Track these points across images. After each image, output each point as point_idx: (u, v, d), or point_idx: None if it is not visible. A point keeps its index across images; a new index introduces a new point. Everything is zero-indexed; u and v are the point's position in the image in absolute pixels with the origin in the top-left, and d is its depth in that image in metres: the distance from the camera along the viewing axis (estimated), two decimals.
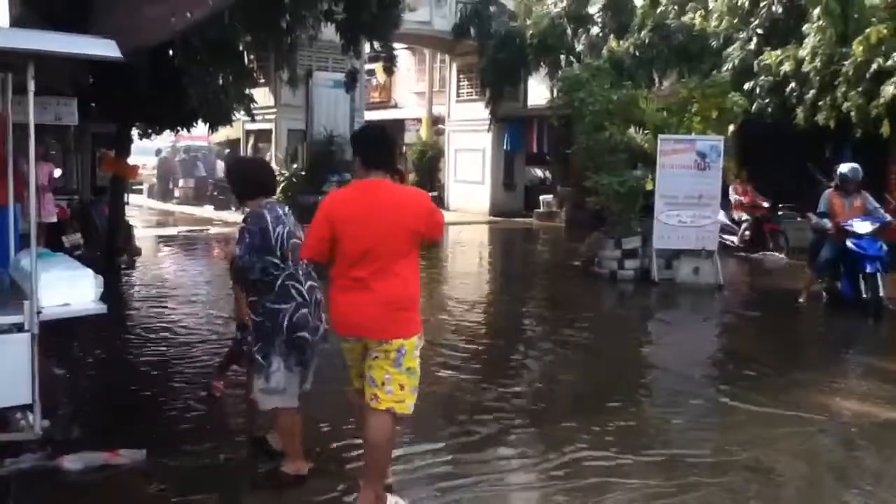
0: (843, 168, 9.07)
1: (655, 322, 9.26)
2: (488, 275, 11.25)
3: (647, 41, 17.40)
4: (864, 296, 8.60)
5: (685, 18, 17.42)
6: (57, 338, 5.46)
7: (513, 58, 20.10)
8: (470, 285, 11.06)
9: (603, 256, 11.46)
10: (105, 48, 3.69)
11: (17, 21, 10.44)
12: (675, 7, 17.86)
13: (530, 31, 19.65)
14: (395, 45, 17.38)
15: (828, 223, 8.96)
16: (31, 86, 3.77)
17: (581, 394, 5.94)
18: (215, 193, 25.04)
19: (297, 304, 3.89)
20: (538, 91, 21.55)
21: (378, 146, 3.75)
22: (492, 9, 21.49)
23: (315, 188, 19.46)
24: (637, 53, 17.45)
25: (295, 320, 3.87)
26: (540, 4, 20.46)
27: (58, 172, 12.32)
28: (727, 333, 8.68)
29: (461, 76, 24.58)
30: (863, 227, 8.73)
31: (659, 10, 17.97)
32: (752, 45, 15.32)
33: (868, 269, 8.55)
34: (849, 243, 8.74)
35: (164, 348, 6.99)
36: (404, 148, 29.03)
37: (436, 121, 27.70)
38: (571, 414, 5.36)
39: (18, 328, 3.62)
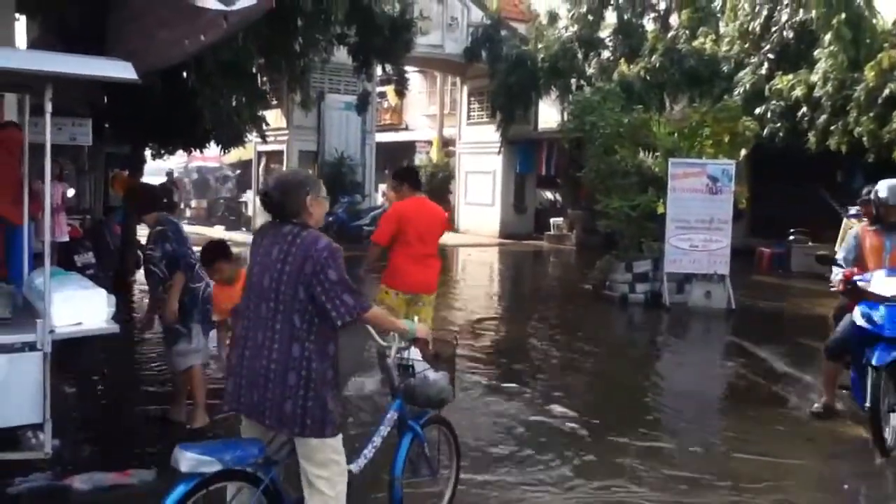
0: (882, 188, 5.30)
1: (666, 347, 9.19)
2: (498, 297, 11.23)
3: (657, 65, 17.50)
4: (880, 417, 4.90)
5: (696, 43, 17.51)
6: (68, 357, 5.46)
7: (524, 81, 20.23)
8: (480, 307, 11.00)
9: (614, 280, 11.42)
10: (121, 70, 3.72)
11: (34, 43, 10.64)
12: (686, 32, 17.97)
13: (541, 55, 19.80)
14: (407, 67, 17.52)
15: (838, 275, 5.42)
16: (49, 107, 3.80)
17: (590, 420, 5.83)
18: (226, 214, 25.18)
19: (206, 283, 5.24)
20: (549, 114, 21.65)
21: (418, 177, 6.39)
22: (503, 32, 21.69)
23: (327, 210, 19.53)
24: (648, 77, 17.54)
25: (205, 295, 5.23)
26: (551, 28, 20.63)
27: (71, 192, 12.40)
28: (738, 359, 8.56)
29: (472, 99, 24.71)
30: (889, 285, 5.03)
31: (670, 35, 18.08)
32: (763, 70, 15.38)
33: (876, 361, 4.89)
34: (858, 313, 5.18)
35: None
36: None
37: (446, 143, 27.82)
38: (581, 442, 5.30)
39: (31, 347, 3.61)
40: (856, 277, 5.25)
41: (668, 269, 10.90)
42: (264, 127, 13.84)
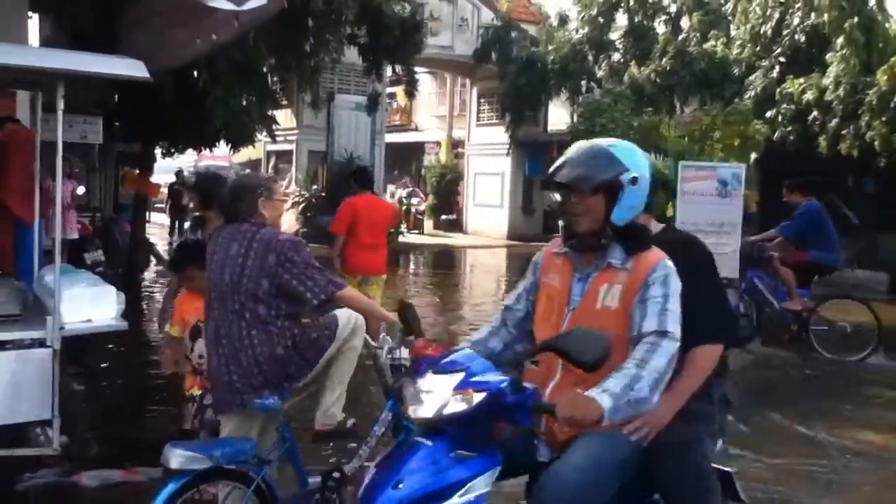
0: None
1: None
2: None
3: (668, 68, 17.46)
4: None
5: (707, 46, 17.46)
6: (76, 353, 5.47)
7: (534, 83, 20.21)
8: (487, 311, 10.96)
9: None
10: (134, 68, 3.74)
11: (47, 42, 10.70)
12: (697, 34, 17.93)
13: (551, 57, 19.78)
14: (417, 68, 17.52)
15: None
16: (61, 104, 3.81)
17: None
18: None
19: None
20: (559, 116, 21.63)
21: (368, 177, 7.42)
22: (513, 34, 21.67)
23: (334, 209, 19.53)
24: (658, 80, 17.50)
25: None
26: (561, 30, 20.61)
27: (81, 190, 12.47)
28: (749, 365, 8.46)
29: (482, 100, 24.71)
30: None
31: (680, 38, 18.04)
32: (774, 73, 15.32)
33: None
34: None
35: None
36: (423, 171, 29.17)
37: (455, 144, 27.82)
38: None
39: (40, 344, 3.64)
40: None
41: None
42: (274, 127, 13.89)
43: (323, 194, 20.26)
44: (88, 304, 3.83)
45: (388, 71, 17.36)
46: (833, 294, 8.81)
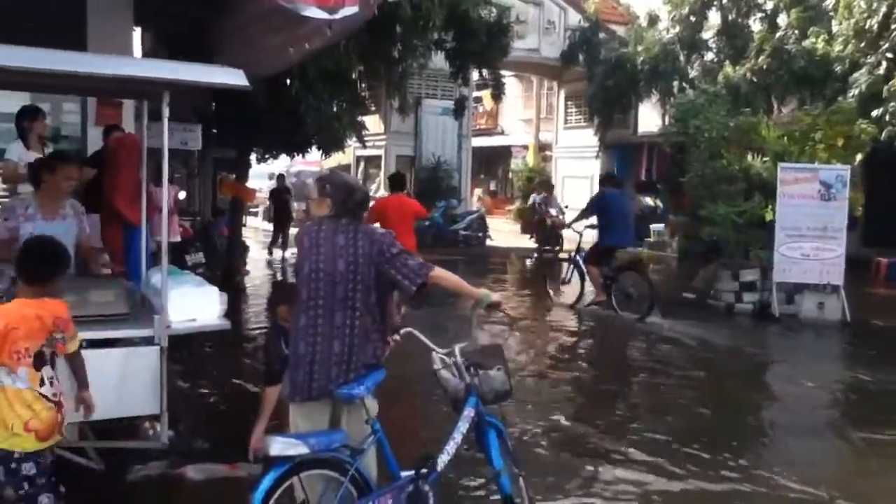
0: None
1: (777, 361, 8.67)
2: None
3: (765, 67, 16.81)
4: None
5: (806, 43, 16.72)
6: (180, 352, 5.69)
7: (622, 84, 19.82)
8: (573, 314, 10.78)
9: (719, 288, 11.01)
10: (234, 77, 3.84)
11: (148, 54, 11.20)
12: (796, 31, 17.19)
13: (641, 58, 19.36)
14: (503, 72, 17.49)
15: None
16: (166, 112, 3.96)
17: (691, 438, 5.50)
18: None
19: None
20: (649, 118, 21.16)
21: (403, 181, 9.31)
22: (601, 35, 21.35)
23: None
24: (754, 79, 16.87)
25: None
26: (651, 30, 20.17)
27: (182, 194, 13.01)
28: (853, 374, 8.05)
29: (569, 103, 24.45)
30: None
31: (778, 35, 17.35)
32: (881, 70, 14.52)
33: None
34: None
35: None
36: (510, 174, 29.06)
37: (543, 147, 27.63)
38: (684, 459, 5.07)
39: (148, 341, 3.79)
40: None
41: (777, 279, 10.40)
42: (363, 132, 14.12)
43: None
44: (193, 304, 3.97)
45: (475, 75, 17.38)
46: None
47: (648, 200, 23.90)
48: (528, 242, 19.98)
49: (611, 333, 9.67)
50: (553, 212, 19.04)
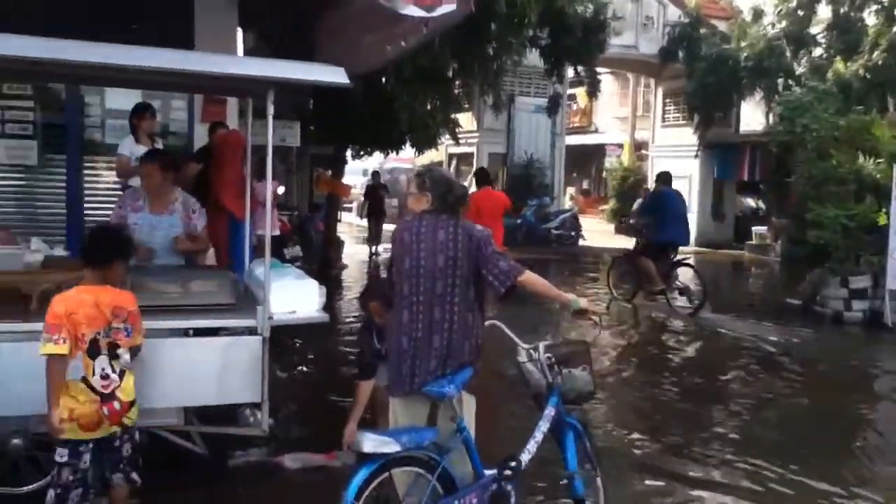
0: None
1: (889, 372, 8.11)
2: (691, 308, 10.66)
3: (880, 62, 15.90)
4: None
5: None
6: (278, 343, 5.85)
7: (724, 81, 19.13)
8: (672, 320, 10.48)
9: (826, 295, 10.48)
10: (336, 75, 3.88)
11: (249, 53, 11.57)
12: None
13: (744, 54, 18.66)
14: (599, 69, 17.21)
15: None
16: (271, 110, 4.06)
17: (789, 457, 5.16)
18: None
19: None
20: (752, 116, 20.39)
21: (489, 177, 9.97)
22: (702, 31, 20.69)
23: (514, 212, 19.62)
24: (868, 76, 15.98)
25: None
26: (755, 25, 19.40)
27: (281, 190, 13.40)
28: None
29: (667, 100, 23.81)
30: None
31: (895, 29, 16.38)
32: None
33: None
34: None
35: None
36: (604, 173, 28.59)
37: (638, 146, 27.06)
38: (788, 483, 4.76)
39: (251, 331, 3.90)
40: None
41: (890, 286, 9.80)
42: (456, 129, 14.18)
43: None
44: (294, 297, 4.05)
45: (570, 72, 17.17)
46: None
47: (750, 202, 23.06)
48: (620, 243, 19.55)
49: (705, 341, 9.34)
50: None
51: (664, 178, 11.01)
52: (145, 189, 4.84)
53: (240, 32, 11.36)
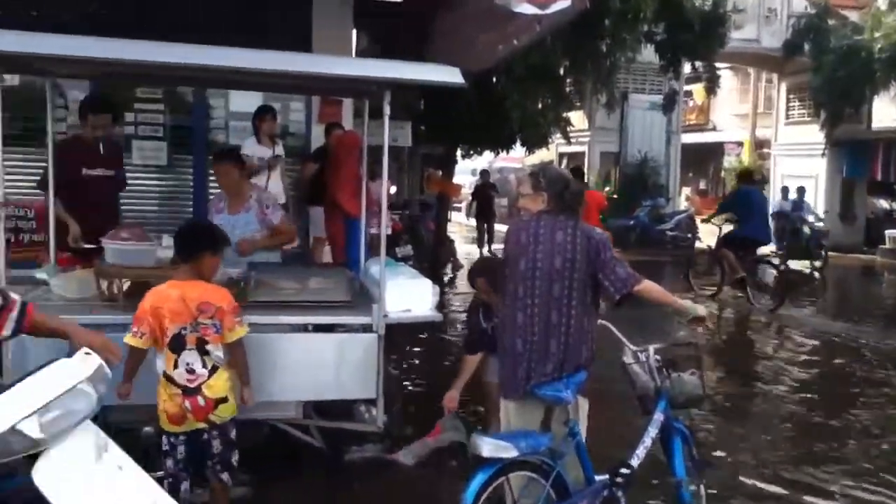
0: None
1: None
2: (821, 318, 10.10)
3: None
4: None
5: None
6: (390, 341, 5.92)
7: (855, 75, 18.03)
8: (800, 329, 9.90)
9: None
10: (451, 75, 3.89)
11: (362, 53, 11.80)
12: None
13: (878, 45, 17.51)
14: (717, 64, 16.55)
15: None
16: (388, 110, 4.12)
17: None
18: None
19: None
20: (886, 111, 19.13)
21: (582, 175, 10.29)
22: (831, 22, 19.55)
23: (627, 213, 19.19)
24: None
25: None
26: (891, 15, 18.16)
27: (393, 189, 13.62)
28: None
29: (791, 96, 22.66)
30: None
31: None
32: None
33: None
34: None
35: None
36: (722, 173, 27.57)
37: (759, 144, 25.93)
38: None
39: (367, 329, 3.95)
40: None
41: None
42: (567, 128, 13.98)
43: (615, 196, 19.97)
44: (409, 295, 4.09)
45: (686, 68, 16.59)
46: None
47: (883, 203, 21.60)
48: None
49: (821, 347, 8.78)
50: (810, 218, 16.68)
51: (747, 176, 11.40)
52: (223, 189, 4.85)
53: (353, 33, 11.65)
